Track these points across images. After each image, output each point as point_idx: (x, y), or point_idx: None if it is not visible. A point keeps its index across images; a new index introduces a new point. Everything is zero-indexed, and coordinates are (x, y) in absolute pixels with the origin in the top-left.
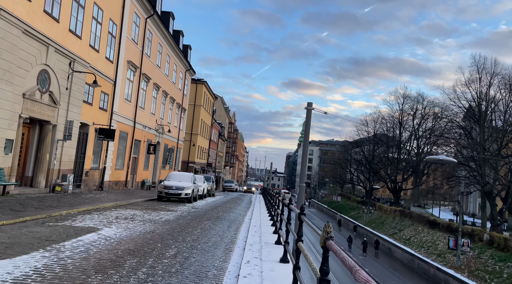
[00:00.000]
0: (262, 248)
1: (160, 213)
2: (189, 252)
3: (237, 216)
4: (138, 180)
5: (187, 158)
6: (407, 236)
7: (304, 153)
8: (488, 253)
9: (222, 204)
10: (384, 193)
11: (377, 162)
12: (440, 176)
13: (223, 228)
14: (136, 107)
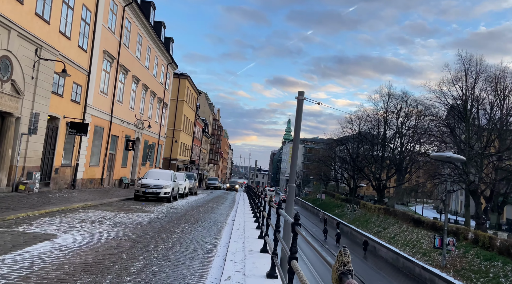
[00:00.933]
0: (246, 257)
1: (134, 214)
2: (159, 264)
3: (219, 217)
4: (116, 177)
5: (169, 154)
6: (391, 234)
7: (294, 147)
8: (473, 252)
9: (204, 203)
10: (368, 191)
11: (362, 160)
12: (423, 174)
13: (203, 232)
14: (113, 100)
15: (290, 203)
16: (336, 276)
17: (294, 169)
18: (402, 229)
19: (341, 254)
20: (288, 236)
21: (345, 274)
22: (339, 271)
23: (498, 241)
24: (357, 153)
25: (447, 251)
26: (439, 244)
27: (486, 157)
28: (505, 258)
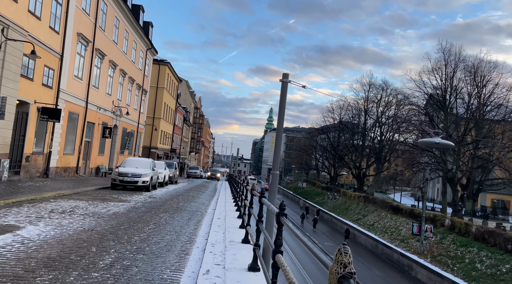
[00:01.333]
0: (227, 249)
1: (109, 204)
2: (132, 258)
3: (200, 206)
4: (92, 166)
5: (148, 143)
6: (371, 221)
7: (278, 132)
8: (450, 238)
9: (185, 192)
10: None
11: (342, 148)
12: (402, 162)
13: (182, 221)
14: (88, 86)
15: (274, 191)
16: (335, 280)
17: (277, 155)
18: (381, 216)
19: (340, 252)
20: (271, 226)
21: (345, 278)
22: (338, 274)
23: (473, 228)
24: (338, 141)
25: (425, 237)
26: (417, 230)
27: (464, 145)
28: (481, 244)
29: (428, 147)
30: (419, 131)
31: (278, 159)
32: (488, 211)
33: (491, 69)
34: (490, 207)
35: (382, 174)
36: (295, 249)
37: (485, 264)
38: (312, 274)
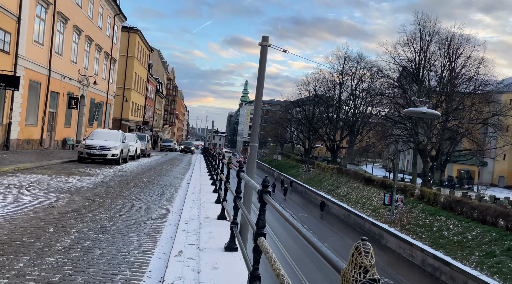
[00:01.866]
0: (201, 226)
1: (74, 178)
2: (95, 239)
3: (173, 180)
4: (58, 138)
5: (119, 115)
6: (343, 192)
7: (257, 100)
8: (419, 208)
9: (157, 166)
10: (321, 152)
11: (317, 121)
12: (374, 135)
13: (154, 197)
14: (51, 52)
15: (252, 165)
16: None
17: (256, 126)
18: (354, 187)
19: (359, 252)
20: (249, 201)
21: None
22: (357, 282)
23: (442, 197)
24: (313, 114)
25: (395, 207)
26: (388, 201)
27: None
28: (448, 212)
29: (415, 116)
30: (392, 104)
31: (257, 130)
32: (454, 181)
33: (463, 42)
34: (457, 177)
35: (355, 146)
36: (275, 227)
37: (452, 231)
38: (294, 255)
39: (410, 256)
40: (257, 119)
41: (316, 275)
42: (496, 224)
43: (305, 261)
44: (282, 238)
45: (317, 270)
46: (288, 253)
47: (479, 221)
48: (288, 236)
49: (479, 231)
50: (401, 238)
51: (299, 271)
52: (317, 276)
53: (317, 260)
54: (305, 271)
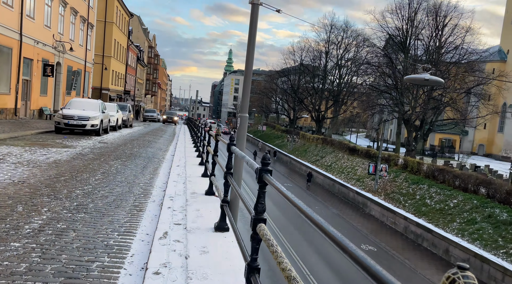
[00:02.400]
0: (188, 203)
1: (49, 150)
2: (70, 219)
3: (157, 152)
4: (34, 107)
5: (99, 83)
6: (328, 162)
7: (248, 65)
8: (403, 177)
9: (140, 136)
10: (306, 122)
11: (302, 91)
12: (359, 105)
13: (136, 170)
14: (21, 15)
15: (242, 136)
16: None
17: (246, 94)
18: (338, 157)
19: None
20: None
21: None
22: None
23: (425, 166)
24: (298, 84)
25: (379, 176)
26: (373, 170)
27: (421, 87)
28: (431, 181)
29: (415, 84)
30: (379, 73)
31: (247, 99)
32: (436, 149)
33: (451, 10)
34: (438, 146)
35: (340, 116)
36: (269, 207)
37: (434, 199)
38: (292, 241)
39: (393, 223)
40: (247, 87)
41: (321, 268)
42: (477, 191)
43: (308, 251)
44: (278, 222)
45: (322, 261)
46: (287, 239)
47: (461, 189)
48: (285, 220)
49: (460, 199)
50: (385, 206)
51: (302, 264)
52: (323, 270)
53: (322, 250)
54: (309, 264)
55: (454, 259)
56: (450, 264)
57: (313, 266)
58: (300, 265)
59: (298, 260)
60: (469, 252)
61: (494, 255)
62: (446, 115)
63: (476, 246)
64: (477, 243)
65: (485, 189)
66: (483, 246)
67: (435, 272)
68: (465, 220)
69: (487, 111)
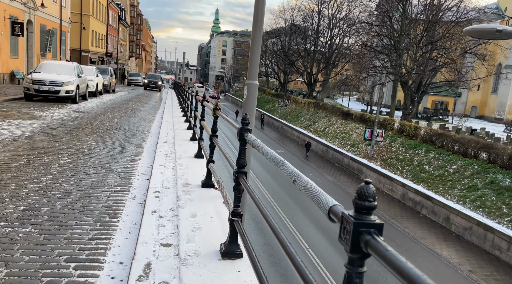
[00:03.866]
0: (180, 204)
1: (11, 123)
2: (16, 230)
3: (141, 123)
4: (4, 71)
5: (78, 45)
6: (321, 127)
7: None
8: (399, 142)
9: (122, 104)
10: (296, 86)
11: (293, 53)
12: (353, 67)
13: (114, 149)
14: None
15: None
16: None
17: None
18: (331, 122)
19: None
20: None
21: None
22: None
23: (422, 130)
24: (289, 46)
25: (375, 142)
26: (369, 135)
27: (420, 47)
28: (428, 146)
29: (480, 38)
30: (376, 33)
31: (256, 62)
32: (429, 112)
33: None
34: (432, 108)
35: (333, 79)
36: (254, 165)
37: (433, 165)
38: (278, 198)
39: (390, 190)
40: (256, 48)
41: (299, 215)
42: (478, 156)
43: (288, 202)
44: (262, 177)
45: (301, 211)
46: (269, 193)
47: (460, 154)
48: (268, 175)
49: (460, 164)
50: (381, 172)
51: (282, 213)
52: (301, 216)
53: (301, 201)
54: (288, 213)
55: (455, 227)
56: (451, 233)
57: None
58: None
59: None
60: (472, 220)
61: (498, 223)
62: (443, 77)
63: (479, 214)
64: (480, 210)
65: (486, 154)
66: (486, 214)
67: (436, 241)
68: (466, 186)
69: (487, 72)
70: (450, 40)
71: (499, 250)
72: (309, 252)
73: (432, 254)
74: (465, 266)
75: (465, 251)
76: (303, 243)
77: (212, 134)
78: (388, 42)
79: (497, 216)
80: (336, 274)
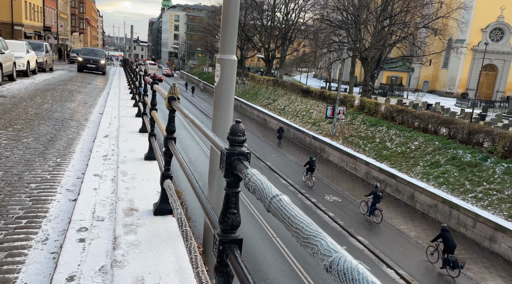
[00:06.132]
0: (119, 246)
1: None
2: None
3: (78, 109)
4: None
5: (9, 18)
6: (281, 105)
7: None
8: (360, 119)
9: (59, 84)
10: (253, 62)
11: (250, 28)
12: (313, 43)
13: (34, 149)
14: None
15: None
16: None
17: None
18: (291, 100)
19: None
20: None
21: None
22: None
23: (382, 107)
24: (245, 21)
25: (337, 119)
26: (330, 113)
27: (380, 21)
28: (389, 122)
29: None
30: (333, 7)
31: (233, 31)
32: (385, 88)
33: None
34: (387, 84)
35: (291, 56)
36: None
37: (395, 142)
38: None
39: (353, 169)
40: (233, 8)
41: None
42: (438, 132)
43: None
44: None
45: None
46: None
47: (421, 130)
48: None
49: (421, 140)
50: (344, 151)
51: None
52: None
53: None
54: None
55: (420, 205)
56: (416, 211)
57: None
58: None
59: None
60: (437, 197)
61: (462, 200)
62: (400, 52)
63: (443, 191)
64: (444, 187)
65: (446, 129)
66: (450, 191)
67: (402, 221)
68: (429, 163)
69: (442, 46)
70: (407, 14)
71: (464, 227)
72: (277, 241)
73: (401, 234)
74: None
75: (431, 230)
76: (270, 232)
77: (167, 137)
78: (347, 16)
79: (461, 193)
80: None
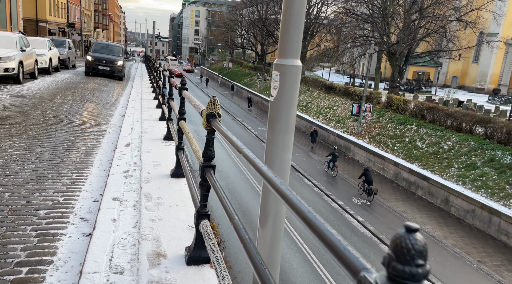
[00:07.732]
0: None
1: None
2: None
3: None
4: None
5: (33, 14)
6: (303, 102)
7: None
8: (387, 116)
9: (81, 82)
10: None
11: (271, 23)
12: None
13: (48, 161)
14: None
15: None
16: None
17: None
18: (314, 96)
19: None
20: None
21: None
22: None
23: (412, 104)
24: (266, 15)
25: (363, 117)
26: (356, 111)
27: (409, 14)
28: (419, 120)
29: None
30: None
31: (299, 31)
32: (412, 84)
33: None
34: (414, 79)
35: (312, 51)
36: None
37: (426, 142)
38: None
39: (381, 170)
40: (298, 4)
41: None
42: (473, 131)
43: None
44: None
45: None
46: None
47: (454, 129)
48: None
49: (455, 140)
50: (371, 150)
51: None
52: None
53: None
54: None
55: (455, 210)
56: (451, 216)
57: None
58: None
59: None
60: (474, 202)
61: (504, 206)
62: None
63: (481, 195)
64: (482, 191)
65: (482, 128)
66: (489, 195)
67: (437, 227)
68: (464, 164)
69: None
70: (439, 7)
71: (506, 235)
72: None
73: (436, 242)
74: (474, 256)
75: (470, 237)
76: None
77: (204, 165)
78: (373, 9)
79: (501, 198)
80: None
